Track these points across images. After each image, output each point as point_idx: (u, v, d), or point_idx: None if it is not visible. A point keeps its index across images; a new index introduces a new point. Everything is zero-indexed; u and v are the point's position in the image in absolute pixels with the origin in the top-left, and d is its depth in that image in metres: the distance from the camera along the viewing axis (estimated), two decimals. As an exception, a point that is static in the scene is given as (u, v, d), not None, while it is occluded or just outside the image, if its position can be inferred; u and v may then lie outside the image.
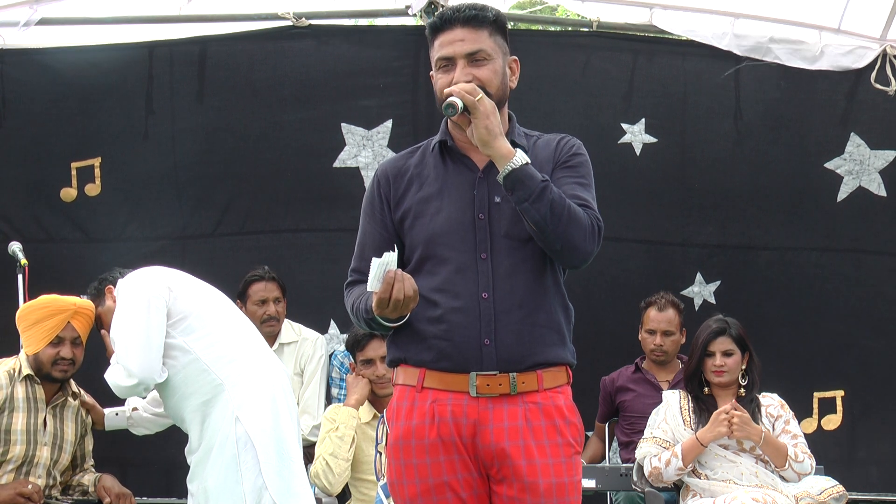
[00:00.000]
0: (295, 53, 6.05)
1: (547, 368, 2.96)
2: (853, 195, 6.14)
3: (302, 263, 6.06)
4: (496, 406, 2.92)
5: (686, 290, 6.10)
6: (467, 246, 2.94)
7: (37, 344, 4.57)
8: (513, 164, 2.87)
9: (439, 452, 2.92)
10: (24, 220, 5.99)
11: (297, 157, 6.05)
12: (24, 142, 6.01)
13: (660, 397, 5.08)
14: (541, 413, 2.94)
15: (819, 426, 6.10)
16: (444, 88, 2.94)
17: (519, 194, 2.87)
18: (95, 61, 6.01)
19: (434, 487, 2.92)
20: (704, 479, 4.74)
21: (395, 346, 3.03)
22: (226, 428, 4.02)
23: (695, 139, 6.17)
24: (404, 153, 3.14)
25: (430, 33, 3.01)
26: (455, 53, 2.95)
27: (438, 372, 2.94)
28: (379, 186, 3.08)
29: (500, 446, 2.91)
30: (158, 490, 5.93)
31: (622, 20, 6.19)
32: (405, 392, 2.98)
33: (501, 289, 2.92)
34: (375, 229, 3.06)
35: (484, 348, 2.90)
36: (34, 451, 4.55)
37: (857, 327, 6.16)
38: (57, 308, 4.59)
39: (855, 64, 6.05)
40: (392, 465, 3.00)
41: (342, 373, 5.54)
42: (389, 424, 3.01)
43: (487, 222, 2.94)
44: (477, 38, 2.96)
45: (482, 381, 2.91)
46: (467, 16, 2.96)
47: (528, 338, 2.93)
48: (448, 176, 3.01)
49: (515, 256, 2.94)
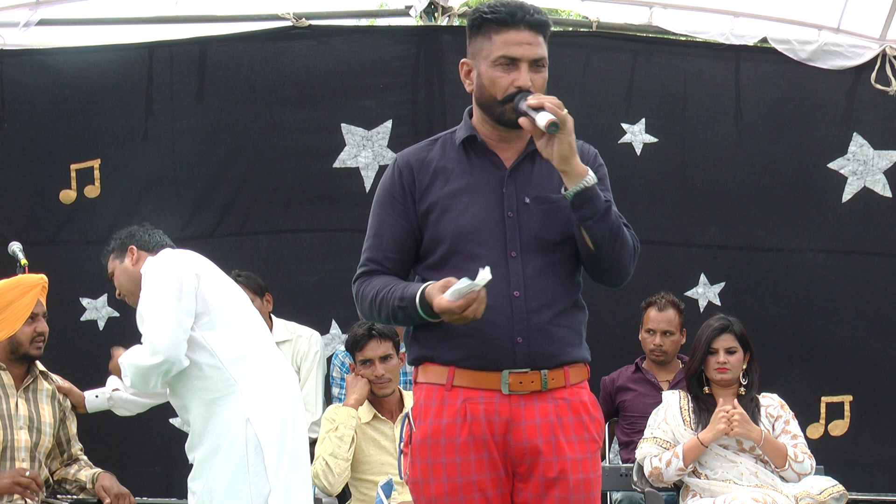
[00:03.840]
0: (295, 54, 6.05)
1: (572, 365, 2.98)
2: (858, 196, 6.13)
3: (302, 263, 6.05)
4: (527, 403, 2.93)
5: (690, 292, 6.10)
6: (497, 243, 2.93)
7: (13, 325, 4.51)
8: (585, 183, 2.88)
9: (469, 451, 2.92)
10: (24, 222, 5.99)
11: (297, 157, 6.05)
12: (24, 143, 6.02)
13: (660, 397, 5.08)
14: (569, 409, 2.96)
15: (826, 432, 6.09)
16: (507, 88, 2.92)
17: (585, 212, 2.89)
18: (95, 62, 6.01)
19: (462, 487, 2.91)
20: (704, 479, 4.74)
21: (418, 345, 3.01)
22: (235, 429, 3.99)
23: (695, 139, 6.16)
24: (422, 145, 3.10)
25: (490, 25, 2.94)
26: (523, 56, 2.93)
27: (468, 370, 2.93)
28: (401, 176, 3.03)
29: (532, 443, 2.92)
30: (158, 490, 5.93)
31: (622, 20, 6.19)
32: (432, 391, 2.96)
33: (532, 288, 2.93)
34: (396, 220, 3.02)
35: (516, 346, 2.90)
36: (11, 436, 4.51)
37: (863, 330, 6.14)
38: (28, 285, 4.54)
39: (854, 63, 6.05)
40: (417, 463, 2.97)
41: (343, 372, 5.54)
42: (416, 423, 2.98)
43: (516, 221, 2.94)
44: (540, 45, 2.95)
45: (514, 379, 2.91)
46: (536, 20, 2.94)
47: (556, 336, 2.95)
48: (474, 172, 2.99)
49: (545, 258, 2.96)
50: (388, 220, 3.03)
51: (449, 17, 6.17)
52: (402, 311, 2.91)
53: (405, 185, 3.02)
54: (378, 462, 4.84)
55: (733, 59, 6.11)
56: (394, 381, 4.92)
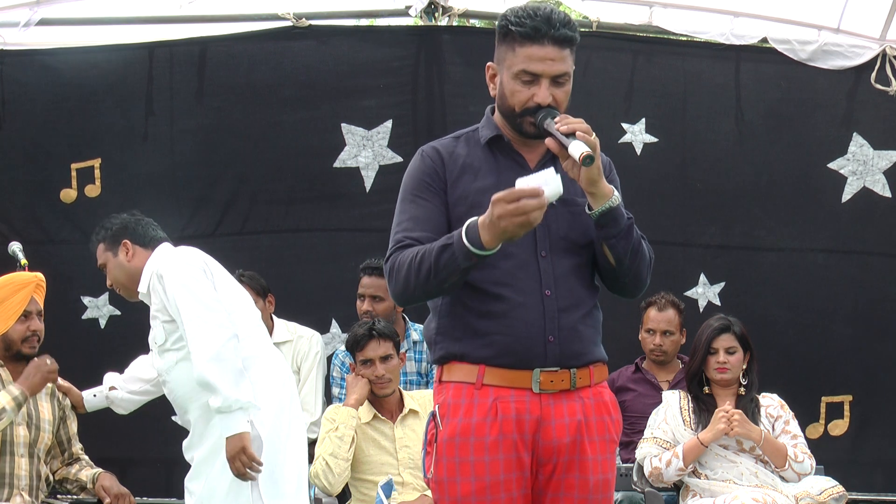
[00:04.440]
0: (295, 54, 6.05)
1: (596, 364, 3.01)
2: (858, 196, 6.14)
3: (302, 263, 6.05)
4: (556, 402, 2.93)
5: (690, 292, 6.10)
6: (527, 242, 2.92)
7: (5, 322, 4.51)
8: (610, 203, 2.90)
9: (498, 450, 2.91)
10: (24, 222, 6.00)
11: (297, 157, 6.05)
12: (24, 143, 6.02)
13: (660, 397, 5.08)
14: (593, 408, 2.98)
15: (826, 431, 6.09)
16: (525, 102, 2.92)
17: (609, 230, 2.92)
18: (95, 62, 6.02)
19: (490, 486, 2.91)
20: (704, 479, 4.74)
21: (445, 343, 2.98)
22: None
23: (695, 139, 6.17)
24: (447, 139, 3.08)
25: (514, 37, 2.94)
26: (544, 72, 2.93)
27: (499, 368, 2.92)
28: (433, 162, 3.00)
29: (561, 442, 2.93)
30: (158, 490, 5.93)
31: (622, 20, 6.19)
32: (461, 389, 2.95)
33: (562, 287, 2.94)
34: (431, 203, 2.96)
35: (548, 345, 2.91)
36: (11, 431, 4.51)
37: (863, 330, 6.15)
38: (20, 282, 4.53)
39: (854, 63, 6.05)
40: (443, 461, 2.95)
41: (343, 372, 5.54)
42: (443, 421, 2.96)
43: (545, 221, 2.90)
44: (564, 60, 2.95)
45: (545, 378, 2.92)
46: (561, 35, 2.93)
47: (584, 336, 2.97)
48: (501, 170, 2.99)
49: (573, 259, 2.97)
50: (423, 203, 2.98)
51: (449, 17, 6.17)
52: (445, 254, 2.80)
53: (437, 170, 2.99)
54: (378, 462, 4.84)
55: (733, 59, 6.12)
56: (394, 382, 4.92)
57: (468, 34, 6.33)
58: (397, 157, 5.92)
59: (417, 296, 2.92)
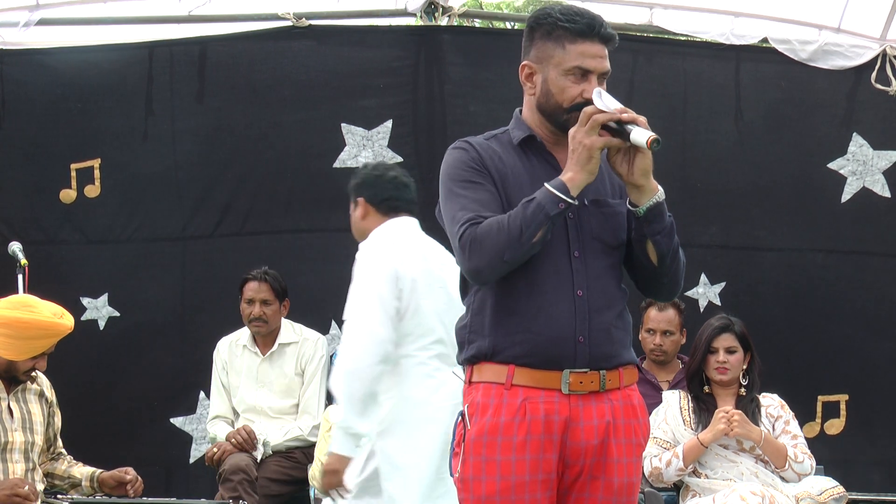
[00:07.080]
0: (295, 54, 6.05)
1: (626, 366, 3.00)
2: (857, 196, 6.13)
3: (302, 263, 6.05)
4: (586, 404, 2.93)
5: (690, 292, 6.09)
6: (560, 242, 2.93)
7: (18, 355, 4.51)
8: (658, 198, 2.94)
9: (526, 451, 2.91)
10: (24, 222, 5.99)
11: (297, 158, 6.05)
12: (24, 143, 6.02)
13: (660, 397, 5.07)
14: (622, 411, 2.97)
15: (822, 430, 6.09)
16: (574, 98, 2.95)
17: (655, 226, 2.94)
18: (95, 61, 6.01)
19: (515, 486, 2.90)
20: (704, 479, 4.74)
21: (476, 342, 2.98)
22: None
23: (695, 139, 6.16)
24: (478, 138, 3.07)
25: (565, 34, 2.96)
26: (596, 69, 2.97)
27: (528, 368, 2.92)
28: (476, 152, 2.99)
29: (589, 443, 2.93)
30: (158, 490, 5.92)
31: (622, 20, 6.18)
32: (490, 389, 2.94)
33: (594, 288, 2.94)
34: (489, 188, 2.94)
35: (578, 345, 2.91)
36: (7, 437, 4.52)
37: (862, 330, 6.15)
38: (56, 332, 4.52)
39: (854, 63, 6.05)
40: (469, 460, 2.95)
41: (343, 373, 5.54)
42: (471, 420, 2.96)
43: (577, 221, 2.94)
44: (608, 58, 3.00)
45: (575, 379, 2.91)
46: (608, 34, 2.98)
47: (615, 338, 2.96)
48: (534, 171, 2.99)
49: (605, 259, 2.98)
50: (480, 188, 2.95)
51: (449, 17, 6.17)
52: (531, 205, 2.81)
53: (482, 159, 2.98)
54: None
55: (733, 59, 6.11)
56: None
57: (468, 34, 6.33)
58: (397, 158, 5.92)
59: (509, 258, 2.84)
